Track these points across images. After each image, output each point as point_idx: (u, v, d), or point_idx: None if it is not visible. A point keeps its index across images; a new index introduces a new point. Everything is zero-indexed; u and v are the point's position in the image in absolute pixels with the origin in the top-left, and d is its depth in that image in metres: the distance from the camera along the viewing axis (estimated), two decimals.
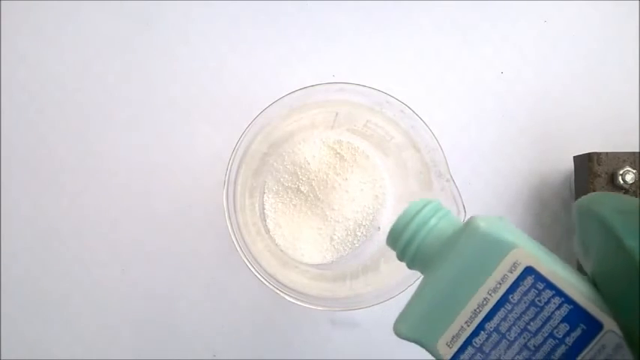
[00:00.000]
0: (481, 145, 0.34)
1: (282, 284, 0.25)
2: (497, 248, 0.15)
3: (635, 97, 0.34)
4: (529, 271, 0.15)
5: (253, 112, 0.25)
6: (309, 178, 0.30)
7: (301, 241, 0.31)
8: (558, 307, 0.15)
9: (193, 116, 0.34)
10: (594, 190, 0.30)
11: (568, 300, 0.14)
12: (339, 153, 0.31)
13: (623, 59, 0.35)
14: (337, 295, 0.27)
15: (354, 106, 0.27)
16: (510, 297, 0.15)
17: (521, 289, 0.15)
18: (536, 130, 0.34)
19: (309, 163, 0.30)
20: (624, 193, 0.30)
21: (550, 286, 0.15)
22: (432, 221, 0.17)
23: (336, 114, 0.28)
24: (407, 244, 0.17)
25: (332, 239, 0.31)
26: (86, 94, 0.34)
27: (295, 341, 0.33)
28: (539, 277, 0.15)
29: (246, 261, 0.25)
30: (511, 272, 0.15)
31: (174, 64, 0.34)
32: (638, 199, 0.14)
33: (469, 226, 0.16)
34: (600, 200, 0.15)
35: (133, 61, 0.34)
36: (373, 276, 0.28)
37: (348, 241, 0.31)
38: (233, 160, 0.25)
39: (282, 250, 0.30)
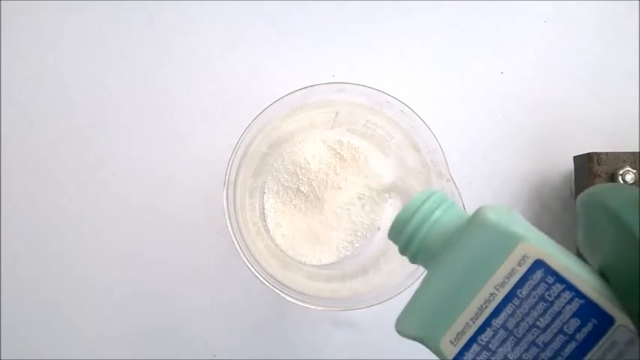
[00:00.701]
0: (481, 145, 0.34)
1: (282, 284, 0.25)
2: (505, 241, 0.14)
3: (635, 97, 0.34)
4: (538, 264, 0.14)
5: (253, 112, 0.25)
6: (309, 178, 0.30)
7: (301, 241, 0.31)
8: (569, 302, 0.14)
9: (193, 116, 0.34)
10: None
11: (579, 294, 0.14)
12: (339, 153, 0.31)
13: (623, 59, 0.35)
14: (337, 295, 0.27)
15: (354, 106, 0.27)
16: (518, 292, 0.14)
17: (530, 283, 0.14)
18: (536, 130, 0.34)
19: (309, 163, 0.30)
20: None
21: (560, 280, 0.14)
22: (437, 213, 0.16)
23: (336, 114, 0.28)
24: (410, 238, 0.17)
25: (332, 239, 0.31)
26: (86, 94, 0.34)
27: (295, 341, 0.33)
28: (549, 271, 0.14)
29: (246, 261, 0.25)
30: (520, 266, 0.14)
31: (174, 64, 0.34)
32: None
33: (477, 217, 0.15)
34: (607, 192, 0.14)
35: (133, 61, 0.34)
36: (373, 276, 0.28)
37: (348, 241, 0.31)
38: (233, 160, 0.25)
39: (282, 250, 0.30)
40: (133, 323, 0.33)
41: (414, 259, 0.17)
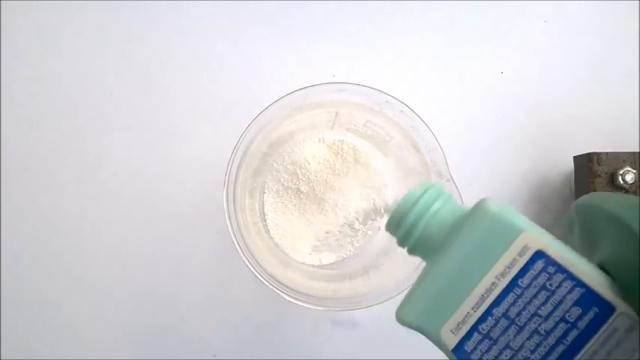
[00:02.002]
0: (481, 145, 0.34)
1: (282, 284, 0.25)
2: (506, 231, 0.15)
3: (635, 97, 0.34)
4: (539, 255, 0.14)
5: (253, 112, 0.25)
6: (309, 178, 0.30)
7: (301, 241, 0.31)
8: (570, 291, 0.14)
9: (193, 116, 0.34)
10: (594, 190, 0.30)
11: (580, 283, 0.14)
12: (339, 153, 0.31)
13: (623, 59, 0.35)
14: (337, 295, 0.27)
15: (354, 106, 0.27)
16: (520, 281, 0.14)
17: (532, 273, 0.14)
18: (536, 130, 0.34)
19: (309, 163, 0.30)
20: (624, 193, 0.30)
21: (561, 269, 0.14)
22: (436, 205, 0.16)
23: (336, 114, 0.28)
24: (409, 230, 0.17)
25: (332, 239, 0.31)
26: (86, 94, 0.34)
27: (295, 341, 0.33)
28: (550, 261, 0.14)
29: (246, 261, 0.25)
30: (520, 256, 0.14)
31: (174, 64, 0.34)
32: (637, 196, 0.15)
33: (479, 208, 0.15)
34: (604, 198, 0.15)
35: (133, 61, 0.34)
36: (373, 276, 0.28)
37: (348, 241, 0.31)
38: (233, 160, 0.25)
39: (282, 250, 0.30)
40: (133, 323, 0.33)
41: (412, 251, 0.17)
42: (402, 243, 0.17)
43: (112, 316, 0.33)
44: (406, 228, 0.17)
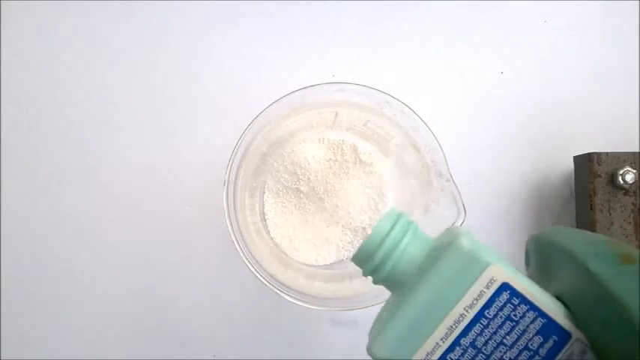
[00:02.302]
0: (481, 145, 0.34)
1: (282, 284, 0.25)
2: (475, 265, 0.15)
3: (635, 97, 0.34)
4: (505, 287, 0.15)
5: (253, 112, 0.25)
6: (309, 178, 0.30)
7: (301, 241, 0.31)
8: (533, 321, 0.15)
9: (193, 116, 0.34)
10: (594, 190, 0.30)
11: (542, 314, 0.15)
12: (339, 153, 0.31)
13: (623, 59, 0.35)
14: (337, 295, 0.27)
15: (354, 106, 0.27)
16: (486, 312, 0.15)
17: (497, 304, 0.15)
18: (537, 130, 0.34)
19: (309, 163, 0.30)
20: (624, 193, 0.30)
21: (525, 301, 0.15)
22: (404, 241, 0.17)
23: (336, 114, 0.28)
24: (377, 266, 0.17)
25: (332, 239, 0.31)
26: (86, 94, 0.34)
27: (295, 341, 0.33)
28: (515, 293, 0.15)
29: (246, 261, 0.25)
30: (487, 288, 0.15)
31: (174, 64, 0.34)
32: (591, 232, 0.17)
33: (452, 245, 0.16)
34: (560, 234, 0.17)
35: (133, 61, 0.34)
36: None
37: (348, 241, 0.31)
38: (233, 160, 0.25)
39: (282, 250, 0.30)
40: (133, 323, 0.33)
41: (377, 283, 0.18)
42: (368, 275, 0.18)
43: (112, 316, 0.33)
44: (374, 265, 0.17)
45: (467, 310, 0.15)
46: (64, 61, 0.34)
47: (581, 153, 0.31)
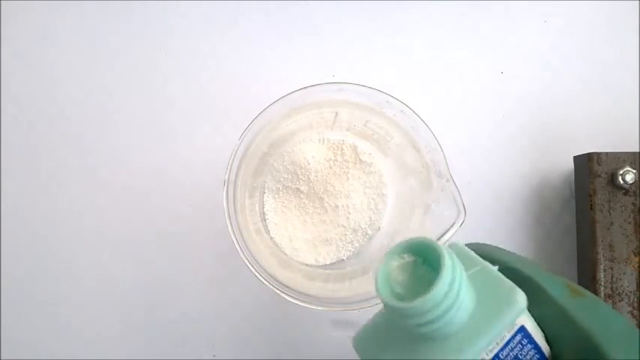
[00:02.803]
0: (481, 145, 0.34)
1: (282, 284, 0.25)
2: (515, 317, 0.16)
3: (635, 97, 0.34)
4: (521, 329, 0.16)
5: (253, 112, 0.25)
6: (309, 178, 0.30)
7: (301, 241, 0.31)
8: (532, 359, 0.16)
9: (193, 116, 0.34)
10: (594, 190, 0.30)
11: (540, 352, 0.16)
12: (338, 153, 0.31)
13: (623, 59, 0.35)
14: (337, 295, 0.27)
15: (354, 106, 0.27)
16: (501, 353, 0.16)
17: (511, 345, 0.16)
18: (536, 130, 0.34)
19: (309, 163, 0.30)
20: (624, 193, 0.30)
21: (531, 341, 0.16)
22: (460, 297, 0.15)
23: (336, 114, 0.28)
24: (427, 322, 0.15)
25: (332, 239, 0.31)
26: (86, 94, 0.34)
27: (295, 341, 0.33)
28: (526, 334, 0.16)
29: (246, 261, 0.25)
30: (508, 332, 0.16)
31: (174, 64, 0.34)
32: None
33: (513, 305, 0.15)
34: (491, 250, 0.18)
35: (133, 61, 0.34)
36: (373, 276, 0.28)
37: (348, 241, 0.31)
38: (233, 159, 0.25)
39: (282, 250, 0.30)
40: (133, 323, 0.33)
41: (419, 333, 0.16)
42: (415, 326, 0.16)
43: (112, 315, 0.33)
44: (424, 321, 0.15)
45: (487, 354, 0.16)
46: (64, 61, 0.34)
47: (581, 153, 0.31)
